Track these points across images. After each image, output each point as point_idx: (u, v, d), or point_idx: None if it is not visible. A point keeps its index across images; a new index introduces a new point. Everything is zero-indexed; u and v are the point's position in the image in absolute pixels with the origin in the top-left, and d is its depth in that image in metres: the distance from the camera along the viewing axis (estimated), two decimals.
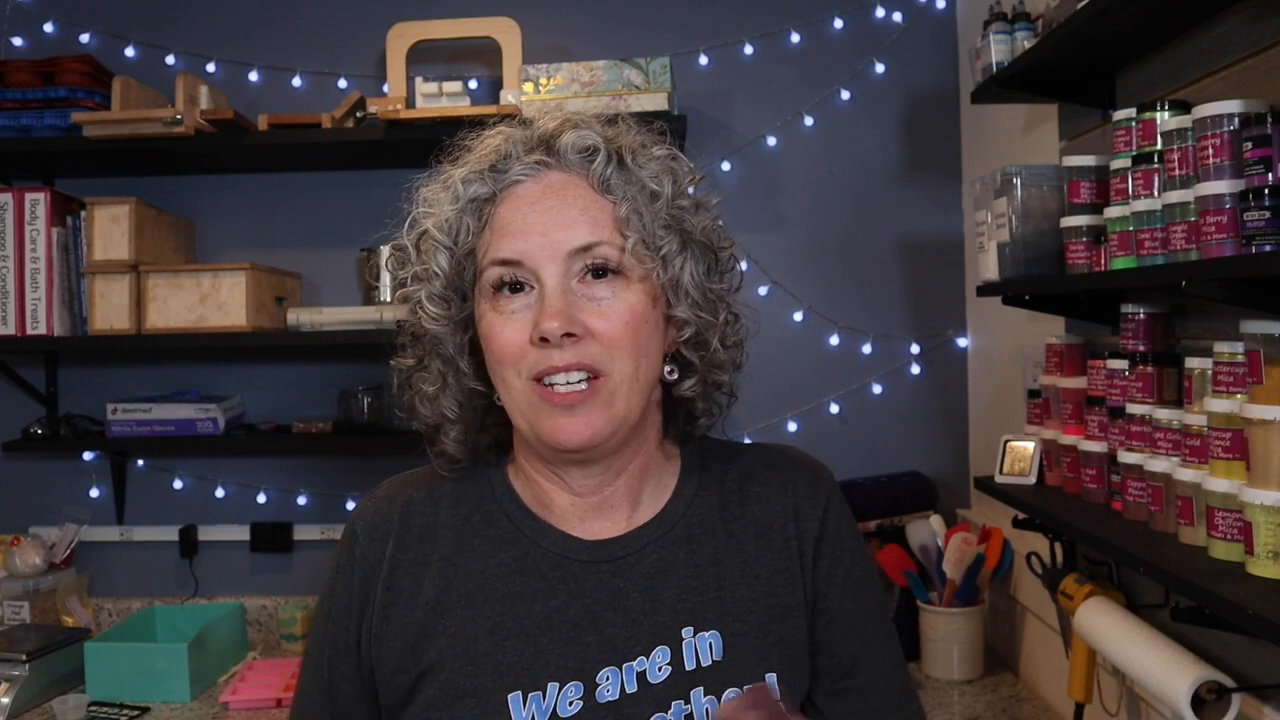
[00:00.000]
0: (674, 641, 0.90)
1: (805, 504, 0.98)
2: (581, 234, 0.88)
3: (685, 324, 0.93)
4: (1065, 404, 1.65)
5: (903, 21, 2.44)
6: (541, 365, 0.86)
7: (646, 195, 0.91)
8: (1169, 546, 1.28)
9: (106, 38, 2.53)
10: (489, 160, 0.92)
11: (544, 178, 0.91)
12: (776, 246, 2.45)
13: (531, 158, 0.90)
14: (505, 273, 0.88)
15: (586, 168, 0.91)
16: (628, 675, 0.89)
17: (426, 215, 0.94)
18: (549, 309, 0.86)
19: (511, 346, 0.88)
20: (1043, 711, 1.92)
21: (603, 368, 0.87)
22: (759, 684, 0.89)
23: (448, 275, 0.92)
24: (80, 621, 2.42)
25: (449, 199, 0.92)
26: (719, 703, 0.88)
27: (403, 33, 2.31)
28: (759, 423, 2.44)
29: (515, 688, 0.88)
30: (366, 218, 2.41)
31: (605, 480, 0.95)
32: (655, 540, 0.95)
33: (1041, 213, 1.61)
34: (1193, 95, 1.39)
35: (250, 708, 2.04)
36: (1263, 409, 1.10)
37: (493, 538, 0.95)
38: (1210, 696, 1.25)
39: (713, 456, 1.02)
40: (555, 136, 0.91)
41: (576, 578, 0.92)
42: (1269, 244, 1.05)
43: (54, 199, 2.31)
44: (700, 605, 0.92)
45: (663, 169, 0.93)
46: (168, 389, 2.51)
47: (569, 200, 0.89)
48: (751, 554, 0.96)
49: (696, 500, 0.98)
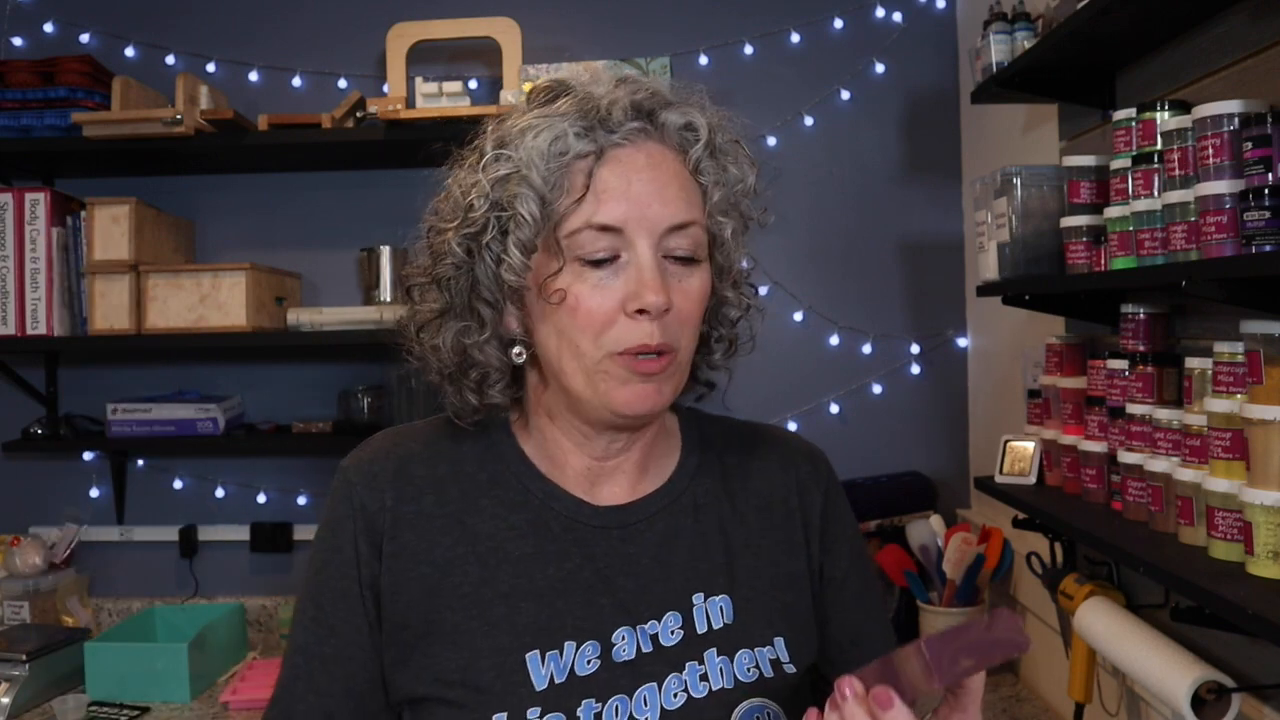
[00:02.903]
0: (685, 607, 0.92)
1: (808, 480, 1.02)
2: (680, 211, 0.88)
3: (728, 303, 0.97)
4: (1065, 404, 1.65)
5: (903, 21, 2.44)
6: (631, 341, 0.86)
7: (728, 181, 0.93)
8: (1169, 546, 1.28)
9: (106, 38, 2.53)
10: (595, 116, 0.87)
11: (645, 146, 0.88)
12: (776, 246, 2.45)
13: (635, 123, 0.88)
14: (601, 239, 0.86)
15: (686, 147, 0.91)
16: (642, 636, 0.90)
17: (506, 158, 0.88)
18: (651, 282, 0.85)
19: (600, 314, 0.86)
20: (1043, 711, 1.92)
21: (677, 344, 0.88)
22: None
23: (538, 223, 0.87)
24: (80, 621, 2.42)
25: (546, 146, 0.86)
26: (731, 662, 0.90)
27: (403, 33, 2.31)
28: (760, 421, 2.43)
29: (533, 647, 0.88)
30: (366, 218, 2.46)
31: (627, 444, 0.95)
32: (664, 509, 0.96)
33: (1041, 213, 1.61)
34: (1193, 95, 1.39)
35: (250, 708, 2.04)
36: (1263, 409, 1.10)
37: (502, 499, 0.94)
38: (1210, 696, 1.25)
39: (711, 431, 1.04)
40: (655, 109, 0.90)
41: (587, 542, 0.93)
42: (1269, 244, 1.05)
43: (54, 199, 2.31)
44: (710, 571, 0.94)
45: (740, 155, 0.94)
46: (168, 389, 2.51)
47: (670, 175, 0.88)
48: (755, 525, 0.98)
49: (700, 473, 1.00)
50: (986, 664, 0.73)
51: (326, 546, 0.94)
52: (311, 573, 0.95)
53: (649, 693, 0.87)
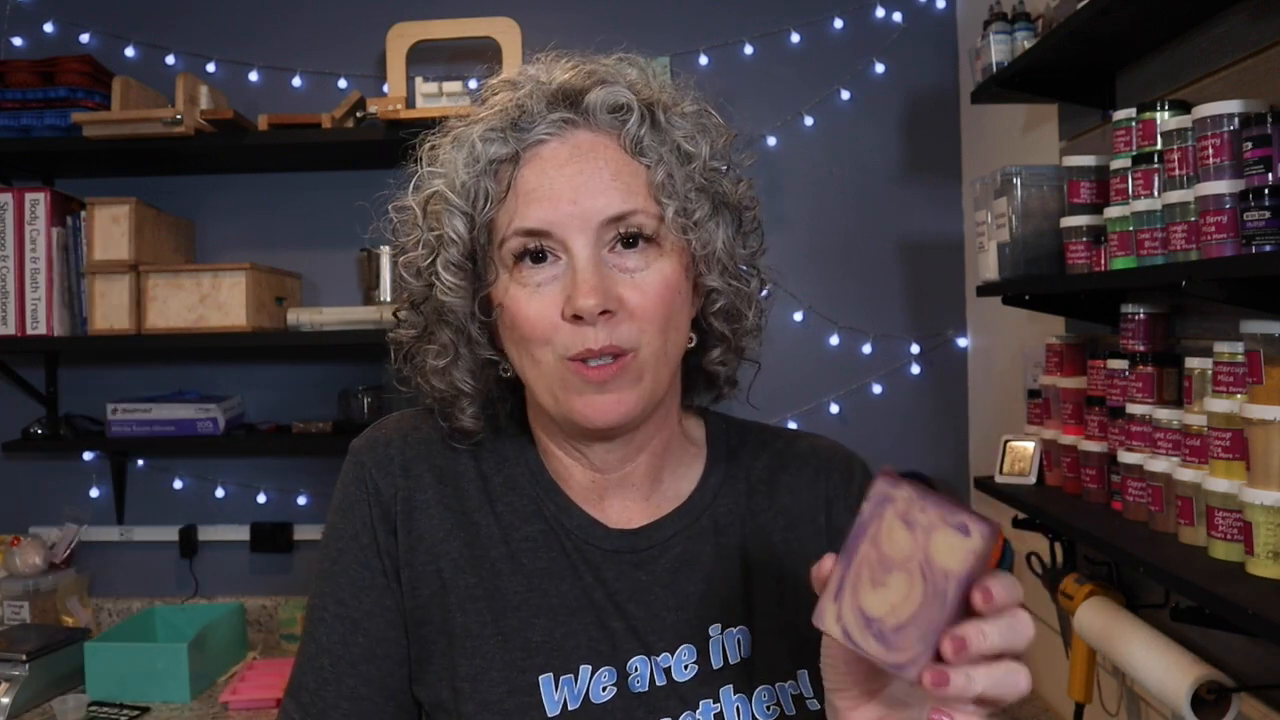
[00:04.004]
0: (700, 640, 0.85)
1: (838, 495, 0.93)
2: (615, 202, 0.80)
3: (716, 293, 0.87)
4: (1065, 404, 1.65)
5: (903, 21, 2.44)
6: (575, 347, 0.79)
7: (680, 157, 0.84)
8: (1169, 546, 1.28)
9: (106, 38, 2.53)
10: (509, 116, 0.82)
11: (570, 137, 0.82)
12: (776, 246, 2.40)
13: (556, 115, 0.82)
14: (531, 243, 0.80)
15: (618, 128, 0.83)
16: (656, 669, 0.84)
17: (435, 175, 0.85)
18: (584, 284, 0.78)
19: (541, 322, 0.80)
20: (1043, 712, 1.92)
21: (634, 345, 0.80)
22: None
23: (465, 241, 0.83)
24: (80, 621, 2.42)
25: (464, 158, 0.83)
26: (749, 701, 0.84)
27: (403, 33, 2.31)
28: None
29: (546, 669, 0.82)
30: (366, 218, 2.44)
31: (627, 456, 0.88)
32: (680, 533, 0.89)
33: (1041, 213, 1.61)
34: (1193, 95, 1.39)
35: (250, 708, 2.04)
36: (1263, 409, 1.10)
37: (515, 507, 0.89)
38: (1210, 696, 1.25)
39: (740, 442, 0.96)
40: (581, 92, 0.83)
41: (598, 565, 0.87)
42: (1269, 244, 1.05)
43: (54, 199, 2.31)
44: (728, 601, 0.87)
45: (696, 127, 0.86)
46: (168, 389, 2.51)
47: (599, 164, 0.81)
48: (780, 547, 0.91)
49: (723, 490, 0.92)
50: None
51: (341, 535, 0.88)
52: (327, 563, 0.88)
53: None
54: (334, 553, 0.88)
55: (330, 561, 0.88)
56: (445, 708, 0.84)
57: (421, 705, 0.87)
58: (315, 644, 0.88)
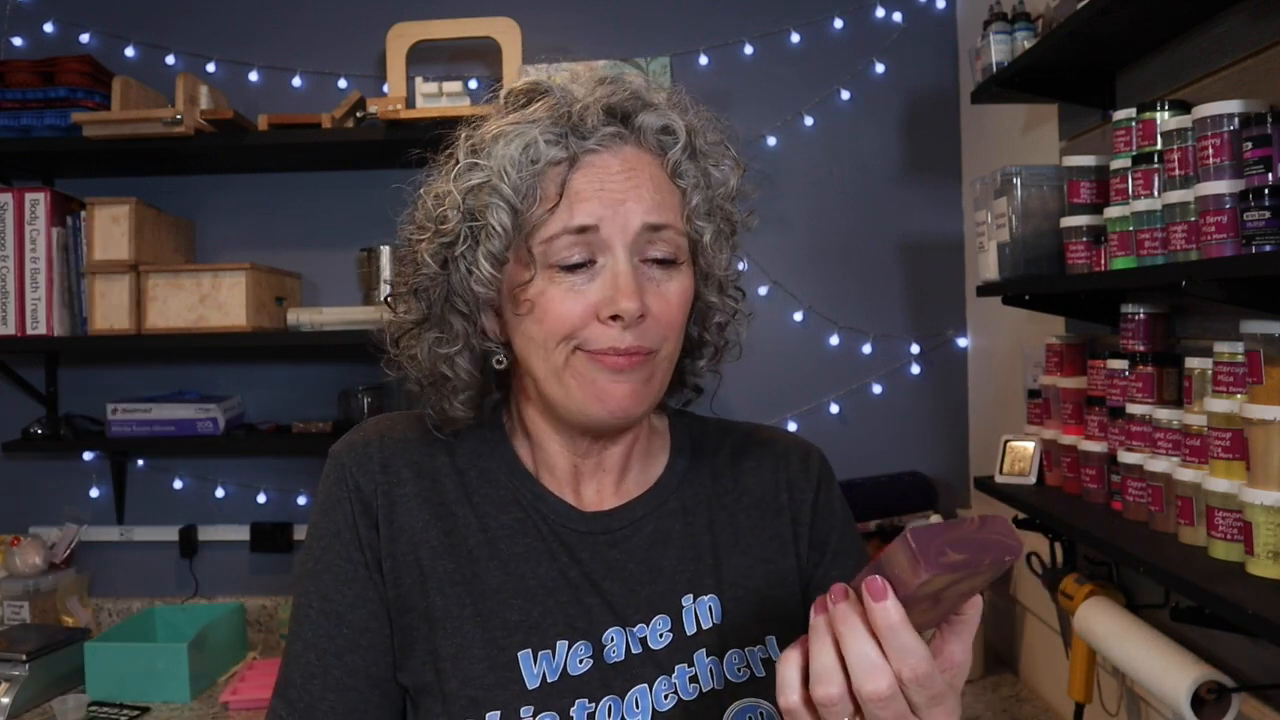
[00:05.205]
0: (674, 610, 0.91)
1: (798, 477, 1.00)
2: (654, 212, 0.86)
3: (714, 308, 0.95)
4: (1065, 404, 1.65)
5: (903, 21, 2.44)
6: (603, 344, 0.85)
7: (710, 184, 0.92)
8: (1169, 546, 1.28)
9: (106, 38, 2.53)
10: (569, 122, 0.87)
11: (620, 151, 0.88)
12: (776, 246, 2.45)
13: (611, 128, 0.87)
14: (578, 242, 0.85)
15: (664, 151, 0.90)
16: (631, 639, 0.89)
17: (480, 168, 0.87)
18: (626, 288, 0.84)
19: (572, 318, 0.85)
20: (1043, 712, 1.92)
21: (655, 347, 0.87)
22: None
23: (508, 234, 0.86)
24: (80, 621, 2.42)
25: (517, 155, 0.85)
26: (721, 663, 0.90)
27: (403, 33, 2.31)
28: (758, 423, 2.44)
29: (525, 645, 0.87)
30: (366, 218, 2.46)
31: (605, 444, 0.94)
32: (651, 513, 0.95)
33: (1041, 213, 1.61)
34: (1193, 95, 1.39)
35: (250, 708, 2.04)
36: (1263, 409, 1.10)
37: (491, 497, 0.94)
38: (1210, 696, 1.25)
39: (702, 434, 1.03)
40: (632, 112, 0.89)
41: (574, 547, 0.92)
42: (1269, 244, 1.05)
43: (54, 199, 2.31)
44: (698, 573, 0.93)
45: (725, 158, 0.94)
46: (168, 389, 2.51)
47: (644, 178, 0.87)
48: (744, 524, 0.97)
49: (689, 475, 0.99)
50: (977, 564, 0.64)
51: (324, 533, 0.92)
52: (310, 562, 0.92)
53: (640, 695, 0.87)
54: (317, 551, 0.92)
55: (314, 560, 0.92)
56: (429, 690, 0.88)
57: (407, 691, 0.91)
58: (301, 640, 0.91)
